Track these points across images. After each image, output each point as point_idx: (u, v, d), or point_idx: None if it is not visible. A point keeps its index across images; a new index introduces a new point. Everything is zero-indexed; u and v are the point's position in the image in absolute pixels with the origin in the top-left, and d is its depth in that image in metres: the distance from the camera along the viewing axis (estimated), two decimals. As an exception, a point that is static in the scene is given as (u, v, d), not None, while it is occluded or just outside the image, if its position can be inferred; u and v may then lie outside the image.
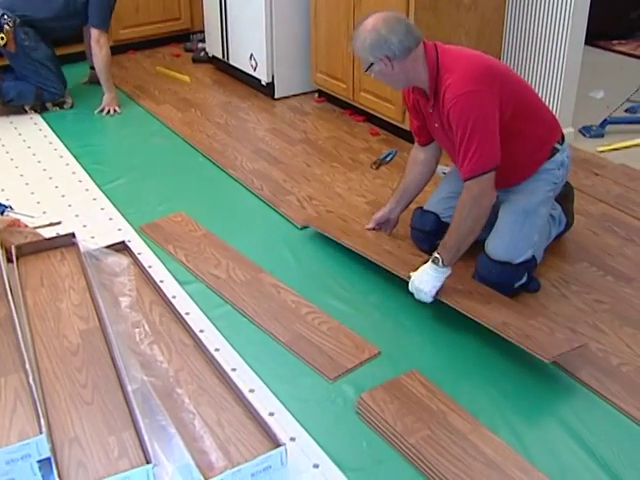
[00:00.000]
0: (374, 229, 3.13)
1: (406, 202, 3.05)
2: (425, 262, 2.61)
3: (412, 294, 2.63)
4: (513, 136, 2.58)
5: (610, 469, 2.02)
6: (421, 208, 2.99)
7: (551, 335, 2.44)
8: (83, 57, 5.05)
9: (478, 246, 2.70)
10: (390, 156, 3.88)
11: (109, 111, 4.52)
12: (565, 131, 3.94)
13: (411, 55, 2.51)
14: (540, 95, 3.90)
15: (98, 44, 4.41)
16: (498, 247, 2.68)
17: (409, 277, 2.64)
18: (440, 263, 2.53)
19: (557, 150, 2.75)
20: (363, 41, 2.52)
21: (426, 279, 2.57)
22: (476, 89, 2.45)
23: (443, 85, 2.51)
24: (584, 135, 4.19)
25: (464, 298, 2.58)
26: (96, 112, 4.51)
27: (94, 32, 4.40)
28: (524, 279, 2.72)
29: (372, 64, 2.55)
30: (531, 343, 2.33)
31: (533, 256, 2.73)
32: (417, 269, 2.61)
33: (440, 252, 2.55)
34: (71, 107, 4.59)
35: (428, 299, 2.58)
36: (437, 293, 2.57)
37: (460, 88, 2.46)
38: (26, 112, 4.49)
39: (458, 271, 2.69)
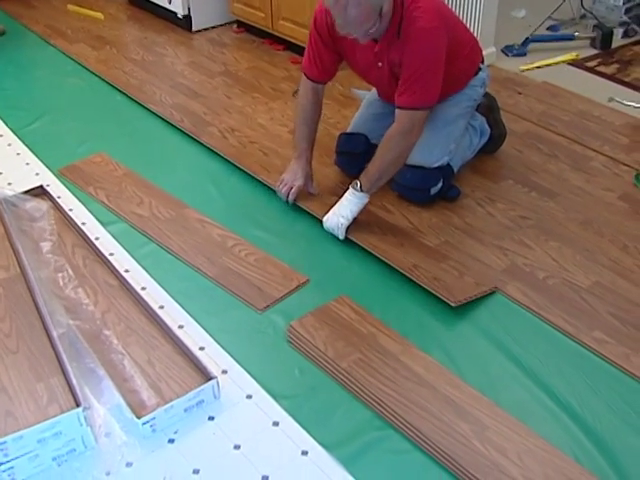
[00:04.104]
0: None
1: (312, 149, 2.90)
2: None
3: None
4: (449, 62, 2.56)
5: (538, 378, 2.07)
6: (345, 133, 2.95)
7: (460, 279, 2.43)
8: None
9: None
10: (312, 84, 3.81)
11: None
12: (487, 51, 3.97)
13: None
14: (461, 15, 3.87)
15: None
16: (414, 152, 2.64)
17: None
18: (358, 187, 2.57)
19: (480, 69, 2.82)
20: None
21: (345, 203, 2.60)
22: (439, 25, 2.44)
23: (408, 18, 2.42)
24: (506, 54, 4.19)
25: (378, 240, 2.60)
26: None
27: None
28: (439, 185, 2.75)
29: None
30: (439, 286, 2.36)
31: (449, 164, 2.78)
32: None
33: (361, 178, 2.58)
34: None
35: (341, 234, 2.60)
36: (349, 230, 2.59)
37: (429, 21, 2.42)
38: None
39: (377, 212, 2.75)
